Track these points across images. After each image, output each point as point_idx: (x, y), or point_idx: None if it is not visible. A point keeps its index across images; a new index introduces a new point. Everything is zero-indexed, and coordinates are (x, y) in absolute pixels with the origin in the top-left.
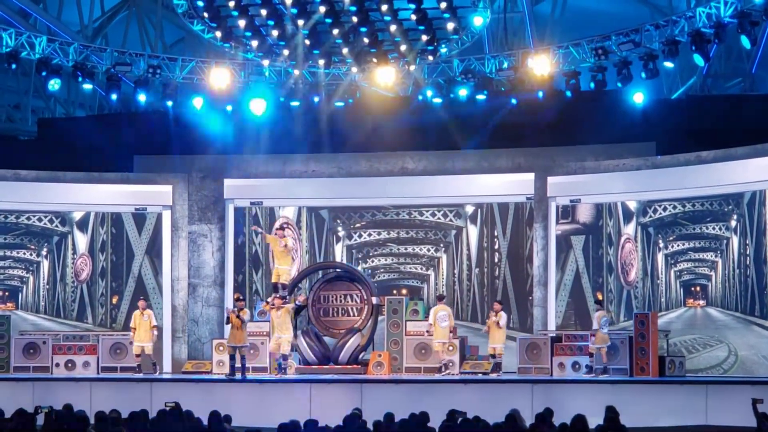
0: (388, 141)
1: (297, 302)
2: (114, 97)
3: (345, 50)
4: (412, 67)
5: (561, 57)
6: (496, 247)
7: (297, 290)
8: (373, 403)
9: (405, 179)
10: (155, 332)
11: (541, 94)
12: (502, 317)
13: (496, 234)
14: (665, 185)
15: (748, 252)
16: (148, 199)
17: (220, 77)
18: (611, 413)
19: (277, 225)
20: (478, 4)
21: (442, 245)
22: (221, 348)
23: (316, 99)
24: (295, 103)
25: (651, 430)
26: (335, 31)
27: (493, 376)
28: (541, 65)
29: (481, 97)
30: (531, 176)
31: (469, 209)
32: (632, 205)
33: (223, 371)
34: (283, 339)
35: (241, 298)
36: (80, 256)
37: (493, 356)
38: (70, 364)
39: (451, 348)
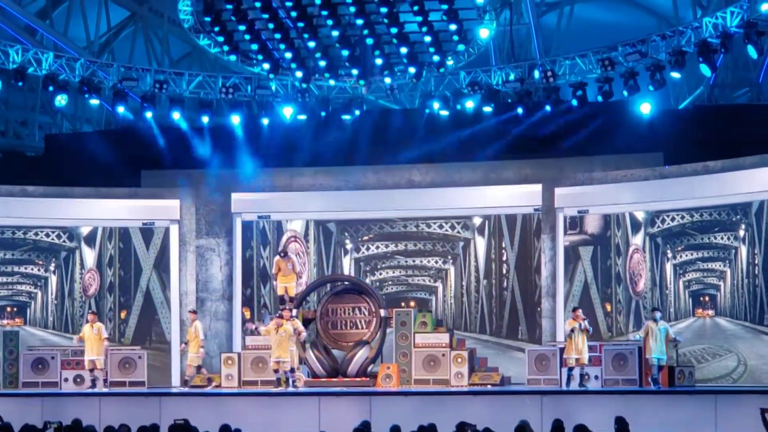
0: (395, 154)
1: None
2: (121, 109)
3: (352, 63)
4: (419, 79)
5: (567, 68)
6: (504, 258)
7: (305, 304)
8: (382, 416)
9: (412, 192)
10: (106, 344)
11: (548, 106)
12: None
13: (503, 245)
14: (673, 195)
15: (756, 261)
16: (156, 214)
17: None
18: (621, 424)
19: (280, 249)
20: (484, 17)
21: (449, 257)
22: (230, 362)
23: (323, 113)
24: (302, 117)
25: None
26: (342, 45)
27: (573, 386)
28: None
29: (487, 109)
30: (538, 187)
31: (477, 221)
32: (640, 216)
33: (232, 385)
34: (283, 362)
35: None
36: (88, 271)
37: (571, 368)
38: (78, 379)
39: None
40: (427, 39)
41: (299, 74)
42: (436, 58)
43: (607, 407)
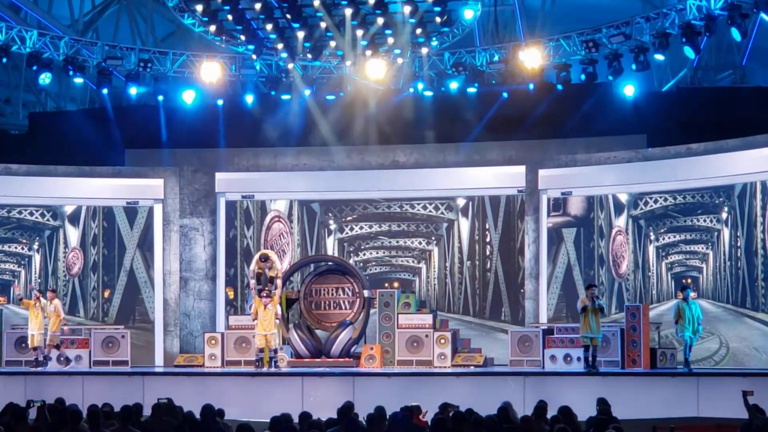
0: (379, 134)
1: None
2: (105, 91)
3: (336, 43)
4: (403, 60)
5: (552, 50)
6: (488, 240)
7: (288, 284)
8: (366, 397)
9: (396, 172)
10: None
11: (531, 86)
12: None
13: (487, 227)
14: (656, 177)
15: (739, 244)
16: (140, 193)
17: (210, 71)
18: (603, 405)
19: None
20: None
21: (433, 238)
22: (213, 341)
23: (307, 92)
24: (286, 97)
25: (643, 421)
26: (326, 24)
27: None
28: (531, 58)
29: (472, 90)
30: (522, 169)
31: (461, 202)
32: (623, 198)
33: (215, 365)
34: (271, 335)
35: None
36: (72, 250)
37: (588, 348)
38: (62, 358)
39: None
40: (412, 20)
41: (284, 54)
42: (420, 39)
43: (589, 388)
